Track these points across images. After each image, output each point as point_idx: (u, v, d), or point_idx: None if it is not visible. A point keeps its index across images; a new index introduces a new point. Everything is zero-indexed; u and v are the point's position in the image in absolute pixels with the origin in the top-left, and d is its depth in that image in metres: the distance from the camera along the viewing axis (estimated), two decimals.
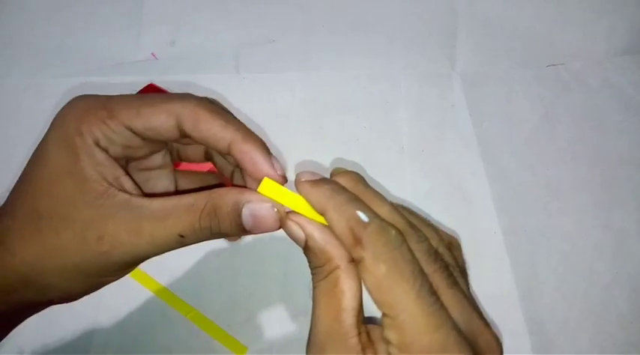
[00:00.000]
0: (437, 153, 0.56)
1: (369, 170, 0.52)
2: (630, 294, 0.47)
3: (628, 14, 0.60)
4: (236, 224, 0.23)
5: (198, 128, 0.24)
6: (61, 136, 0.23)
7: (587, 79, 0.60)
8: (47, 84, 0.59)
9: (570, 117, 0.57)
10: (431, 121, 0.58)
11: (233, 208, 0.23)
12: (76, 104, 0.24)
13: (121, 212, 0.22)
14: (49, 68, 0.60)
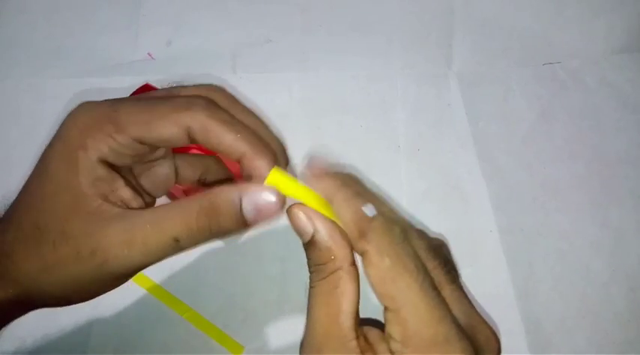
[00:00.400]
0: (433, 152, 0.56)
1: (366, 169, 0.52)
2: (628, 293, 0.47)
3: (625, 13, 0.60)
4: (237, 218, 0.22)
5: (209, 141, 0.23)
6: (64, 150, 0.23)
7: (584, 78, 0.60)
8: (46, 84, 0.59)
9: (567, 116, 0.57)
10: (428, 121, 0.58)
11: (232, 202, 0.22)
12: (82, 115, 0.23)
13: (114, 224, 0.22)
14: (48, 69, 0.60)
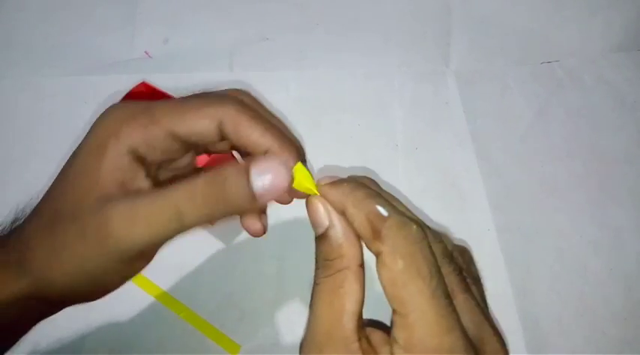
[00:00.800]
0: (431, 150, 0.56)
1: (364, 168, 0.52)
2: (625, 292, 0.47)
3: (622, 11, 0.60)
4: (244, 190, 0.21)
5: (238, 134, 0.23)
6: (96, 139, 0.23)
7: (581, 76, 0.60)
8: (44, 83, 0.59)
9: (565, 114, 0.57)
10: (425, 119, 0.58)
11: (239, 172, 0.21)
12: (117, 109, 0.24)
13: (121, 203, 0.22)
14: (46, 67, 0.60)
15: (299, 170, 0.23)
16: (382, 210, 0.21)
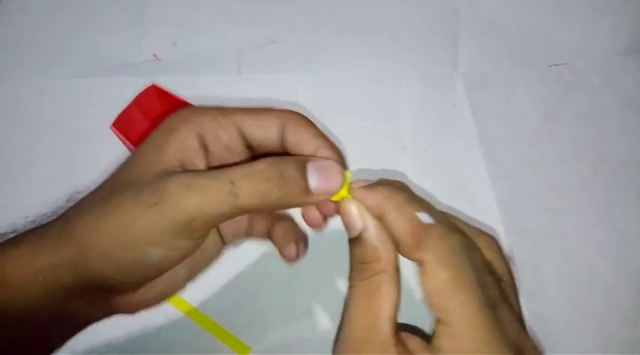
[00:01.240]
0: (439, 153, 0.56)
1: (372, 171, 0.52)
2: (634, 294, 0.47)
3: (630, 14, 0.60)
4: (300, 181, 0.22)
5: (298, 142, 0.25)
6: (168, 124, 0.25)
7: (589, 79, 0.60)
8: (50, 85, 0.59)
9: (573, 117, 0.57)
10: (433, 122, 0.58)
11: (298, 164, 0.23)
12: (191, 107, 0.26)
13: (179, 174, 0.23)
14: (52, 69, 0.60)
15: (348, 177, 0.24)
16: (426, 218, 0.21)
